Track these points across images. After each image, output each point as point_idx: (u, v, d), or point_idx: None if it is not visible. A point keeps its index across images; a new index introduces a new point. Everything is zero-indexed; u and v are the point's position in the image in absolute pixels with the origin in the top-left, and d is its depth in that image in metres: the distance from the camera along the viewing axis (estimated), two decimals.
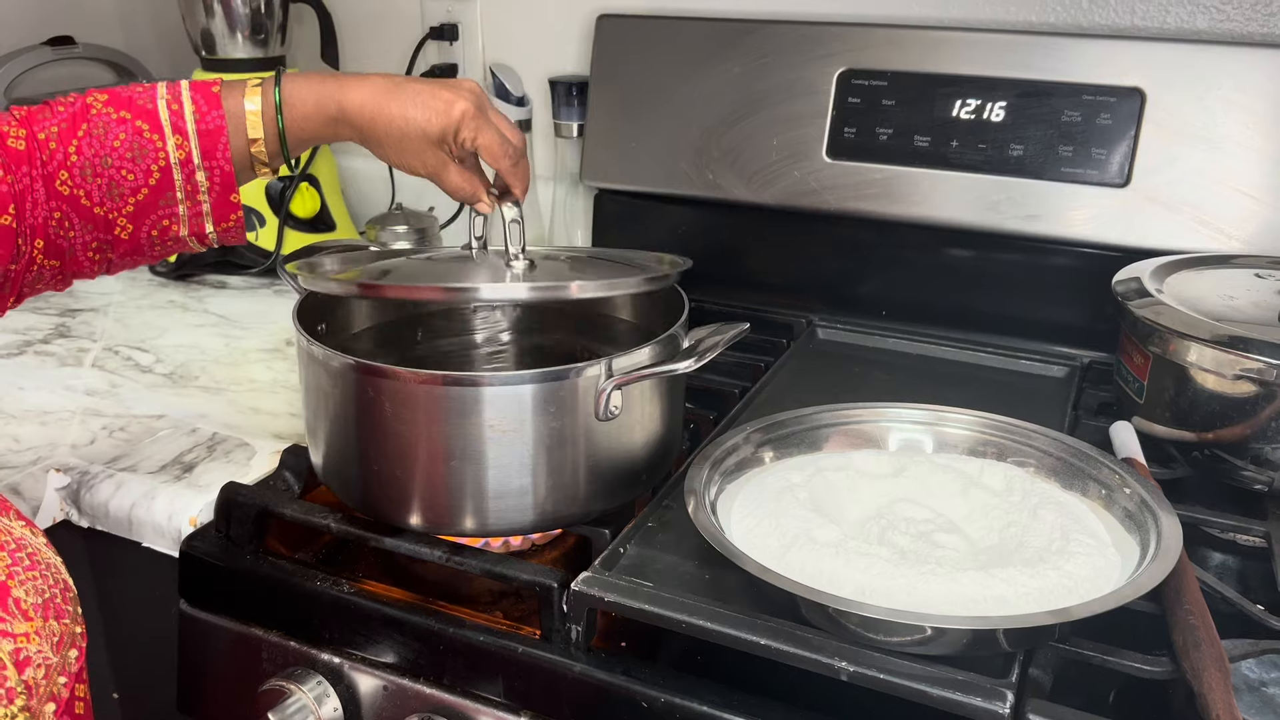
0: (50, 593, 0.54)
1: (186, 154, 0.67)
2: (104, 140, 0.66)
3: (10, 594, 0.52)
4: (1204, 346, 0.71)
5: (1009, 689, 0.53)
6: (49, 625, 0.53)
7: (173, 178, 0.67)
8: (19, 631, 0.51)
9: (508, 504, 0.66)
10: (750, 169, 1.06)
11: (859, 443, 0.74)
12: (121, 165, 0.66)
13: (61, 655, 0.54)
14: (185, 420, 0.90)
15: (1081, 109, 0.94)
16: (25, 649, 0.51)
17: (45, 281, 0.69)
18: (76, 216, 0.66)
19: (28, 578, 0.53)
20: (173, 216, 0.68)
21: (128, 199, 0.67)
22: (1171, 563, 0.57)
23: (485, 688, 0.64)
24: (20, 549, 0.54)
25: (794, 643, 0.56)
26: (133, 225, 0.68)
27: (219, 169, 0.68)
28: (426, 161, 0.71)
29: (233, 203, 0.69)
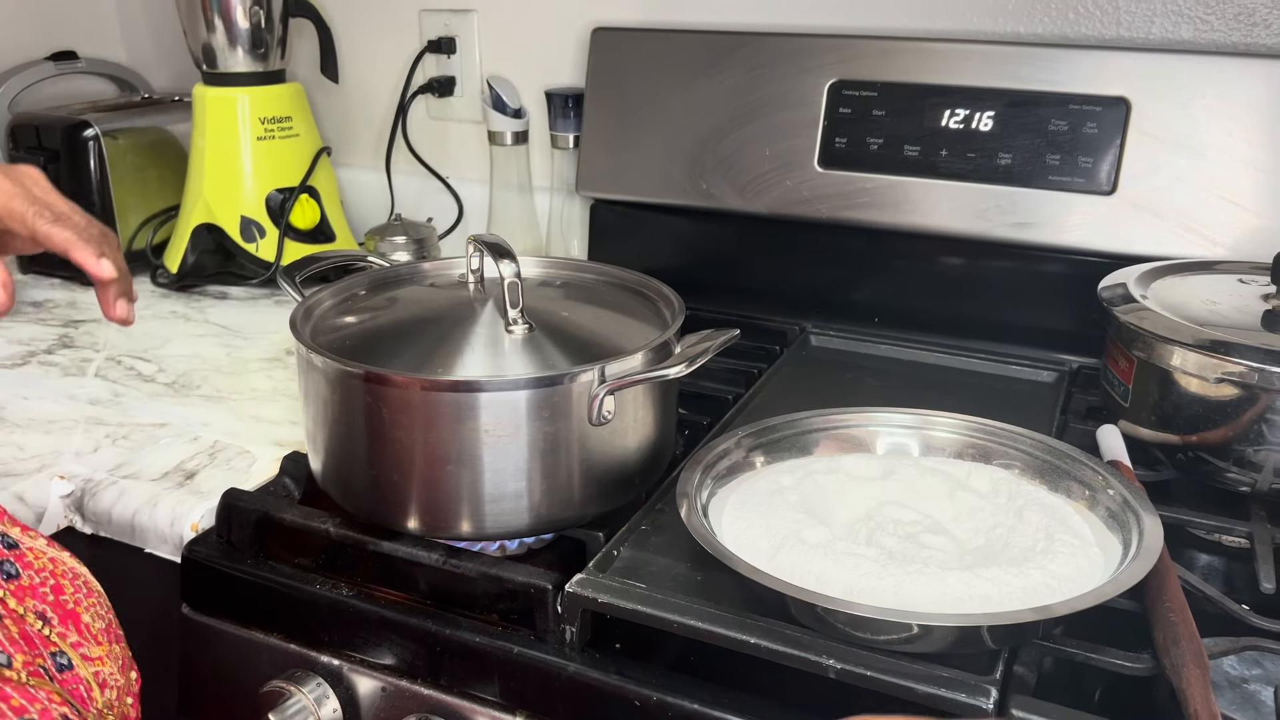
0: (106, 619, 0.56)
1: None
2: None
3: (81, 620, 0.53)
4: (1187, 350, 0.73)
5: (993, 685, 0.55)
6: (114, 649, 0.55)
7: None
8: (95, 655, 0.52)
9: (504, 507, 0.68)
10: (743, 179, 1.08)
11: (848, 447, 0.75)
12: None
13: (126, 677, 0.56)
14: (187, 428, 0.91)
15: (1068, 118, 0.95)
16: (102, 671, 0.53)
17: None
18: None
19: (89, 604, 0.55)
20: None
21: None
22: (1151, 561, 0.59)
23: (481, 688, 0.65)
24: (77, 577, 0.56)
25: (783, 641, 0.57)
26: None
27: None
28: None
29: None
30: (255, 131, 1.23)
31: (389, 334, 0.74)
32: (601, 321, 0.77)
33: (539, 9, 1.24)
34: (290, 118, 1.25)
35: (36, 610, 0.51)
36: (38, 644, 0.50)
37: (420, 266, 0.86)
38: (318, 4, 1.27)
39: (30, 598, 0.51)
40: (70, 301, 1.24)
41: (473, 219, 1.34)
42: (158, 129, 1.34)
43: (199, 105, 1.24)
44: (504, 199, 1.26)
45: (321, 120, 1.38)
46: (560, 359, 0.69)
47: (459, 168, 1.35)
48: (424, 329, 0.74)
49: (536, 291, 0.81)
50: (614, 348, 0.71)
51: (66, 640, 0.51)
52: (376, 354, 0.70)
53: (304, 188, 1.25)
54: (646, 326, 0.75)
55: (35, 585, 0.52)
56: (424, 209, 1.35)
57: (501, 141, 1.24)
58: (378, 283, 0.83)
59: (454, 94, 1.32)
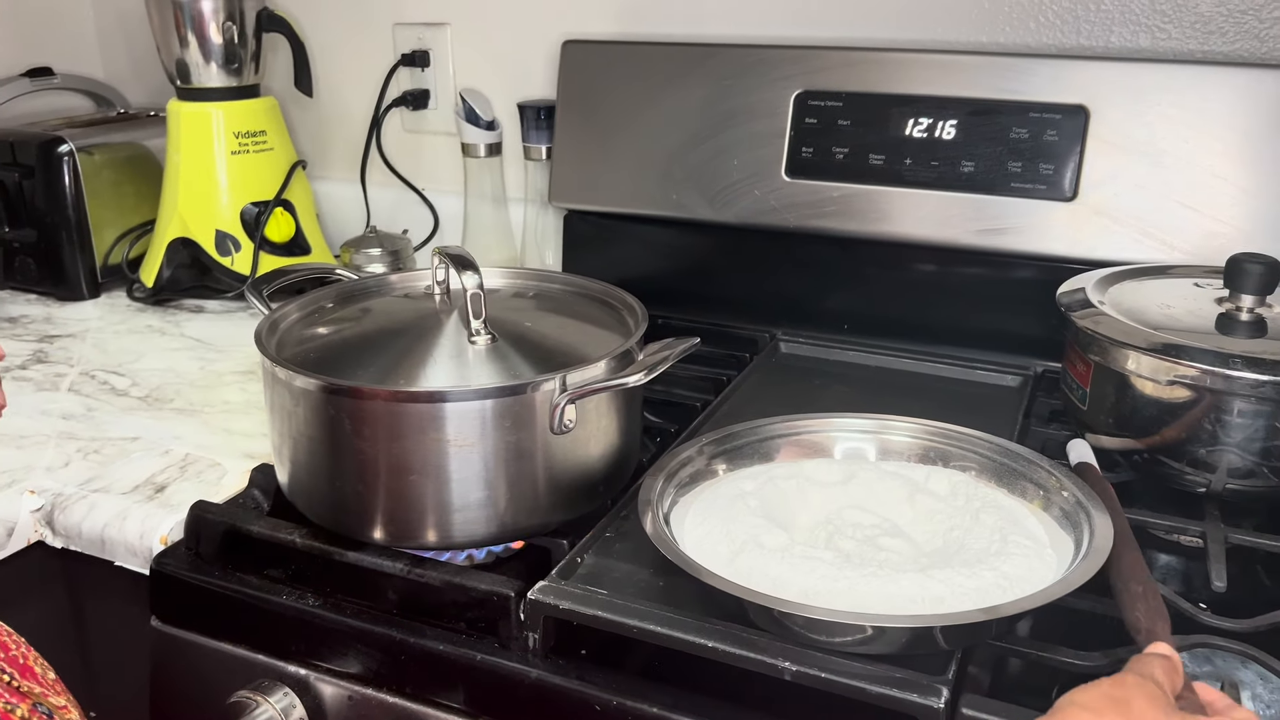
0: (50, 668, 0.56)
1: None
2: None
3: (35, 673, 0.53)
4: (1141, 354, 0.74)
5: (945, 685, 0.56)
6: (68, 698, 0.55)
7: None
8: (60, 705, 0.52)
9: (469, 516, 0.68)
10: (712, 189, 1.09)
11: (809, 453, 0.76)
12: None
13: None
14: (159, 442, 0.91)
15: (1029, 126, 0.97)
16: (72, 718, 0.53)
17: None
18: None
19: (34, 658, 0.55)
20: None
21: None
22: (1101, 560, 0.60)
23: (446, 695, 0.66)
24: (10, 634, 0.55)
25: (740, 644, 0.58)
26: None
27: None
28: None
29: None
30: (230, 146, 1.24)
31: (354, 346, 0.75)
32: (565, 331, 0.78)
33: (511, 22, 1.26)
34: (265, 132, 1.26)
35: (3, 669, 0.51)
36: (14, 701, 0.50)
37: (387, 279, 0.87)
38: (291, 18, 1.28)
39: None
40: (46, 316, 1.24)
41: (448, 231, 1.35)
42: (133, 144, 1.35)
43: (173, 120, 1.24)
44: (479, 210, 1.27)
45: (296, 134, 1.39)
46: (523, 368, 0.70)
47: (434, 180, 1.36)
48: (389, 341, 0.74)
49: (503, 302, 0.82)
50: (577, 357, 0.71)
51: (35, 693, 0.52)
52: (341, 366, 0.71)
53: (279, 201, 1.26)
54: (610, 335, 0.76)
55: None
56: (399, 221, 1.36)
57: (475, 154, 1.25)
58: (345, 295, 0.84)
59: (428, 107, 1.33)
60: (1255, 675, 0.61)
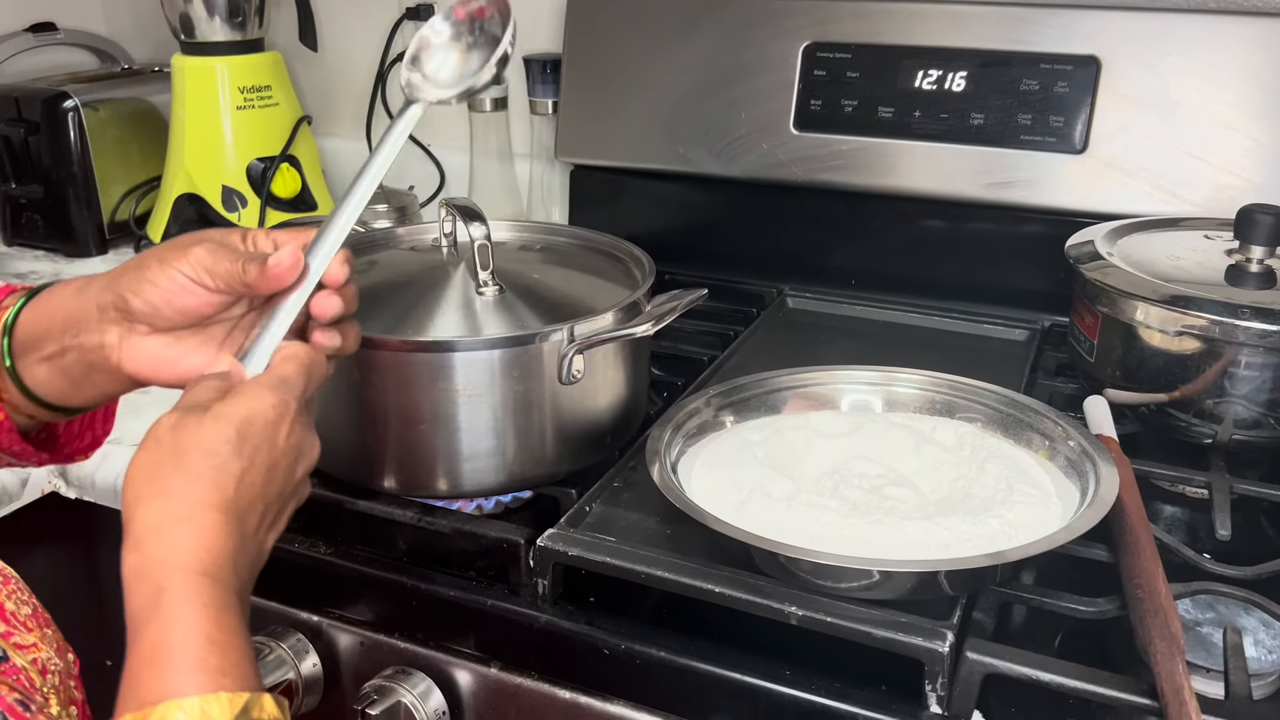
0: (30, 604, 0.55)
1: None
2: None
3: (5, 609, 0.52)
4: (1149, 305, 0.74)
5: (950, 630, 0.56)
6: (45, 634, 0.54)
7: None
8: (28, 643, 0.52)
9: (478, 465, 0.69)
10: (720, 143, 1.09)
11: (817, 405, 0.77)
12: None
13: (64, 660, 0.55)
14: (169, 395, 0.91)
15: (1040, 78, 0.96)
16: (39, 658, 0.52)
17: None
18: None
19: (9, 592, 0.53)
20: None
21: None
22: (1105, 509, 0.60)
23: (457, 640, 0.67)
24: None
25: (746, 590, 0.59)
26: None
27: None
28: None
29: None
30: (235, 101, 1.23)
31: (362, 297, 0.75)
32: (573, 283, 0.78)
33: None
34: (270, 87, 1.25)
35: None
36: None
37: (394, 232, 0.86)
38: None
39: None
40: (55, 273, 1.24)
41: (454, 187, 1.34)
42: (138, 100, 1.34)
43: (178, 75, 1.24)
44: (484, 166, 1.27)
45: (301, 89, 1.38)
46: (531, 319, 0.70)
47: (439, 136, 1.35)
48: (397, 292, 0.74)
49: (510, 255, 0.82)
50: (584, 308, 0.72)
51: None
52: None
53: (285, 157, 1.25)
54: (617, 287, 0.76)
55: None
56: (405, 177, 1.36)
57: (481, 108, 1.24)
58: (352, 248, 0.83)
59: None
60: (1258, 621, 0.61)
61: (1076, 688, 0.54)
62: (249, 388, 0.50)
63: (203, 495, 0.46)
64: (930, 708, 0.56)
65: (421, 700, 0.65)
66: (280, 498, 0.50)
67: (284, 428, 0.50)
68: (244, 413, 0.48)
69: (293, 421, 0.50)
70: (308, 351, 0.53)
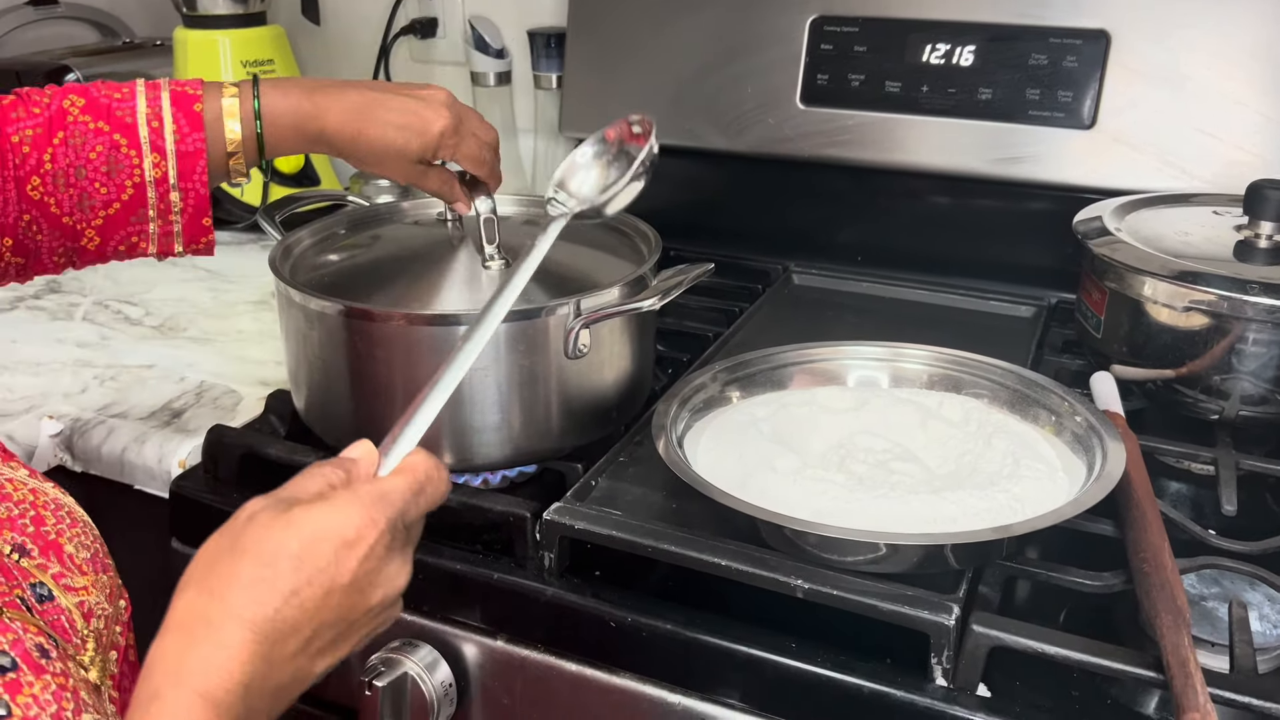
0: (93, 548, 0.56)
1: (163, 173, 0.65)
2: (80, 151, 0.64)
3: (64, 550, 0.54)
4: (1157, 280, 0.73)
5: (956, 603, 0.56)
6: (100, 579, 0.55)
7: (146, 196, 0.66)
8: (79, 585, 0.53)
9: (484, 439, 0.69)
10: (725, 117, 1.08)
11: (823, 380, 0.77)
12: (95, 178, 0.64)
13: (114, 605, 0.56)
14: (174, 369, 0.92)
15: (1048, 52, 0.95)
16: (87, 601, 0.53)
17: (10, 276, 0.69)
18: (45, 223, 0.65)
19: (73, 535, 0.55)
20: (142, 234, 0.67)
21: (98, 212, 0.65)
22: (1111, 483, 0.60)
23: (463, 613, 0.67)
24: (60, 508, 0.56)
25: (752, 563, 0.59)
26: (100, 238, 0.67)
27: (194, 191, 0.67)
28: (406, 173, 0.71)
29: (205, 225, 0.68)
30: (237, 75, 1.22)
31: (368, 271, 0.75)
32: (579, 258, 0.78)
33: None
34: (272, 60, 1.25)
35: (15, 543, 0.52)
36: (16, 576, 0.50)
37: (399, 206, 0.86)
38: None
39: (8, 530, 0.52)
40: None
41: None
42: (140, 73, 1.32)
43: (180, 48, 1.23)
44: None
45: (304, 64, 1.38)
46: (537, 293, 0.70)
47: None
48: (402, 266, 0.74)
49: (515, 229, 0.82)
50: (590, 282, 0.71)
51: (47, 572, 0.52)
52: (355, 290, 0.71)
53: None
54: (623, 262, 0.76)
55: (14, 517, 0.53)
56: None
57: (484, 83, 1.23)
58: (357, 222, 0.84)
59: (436, 35, 1.31)
60: (1263, 596, 0.61)
61: (1082, 660, 0.54)
62: (342, 498, 0.45)
63: (240, 607, 0.43)
64: (936, 680, 0.56)
65: (428, 672, 0.66)
66: (338, 624, 0.45)
67: (359, 551, 0.45)
68: (318, 527, 0.44)
69: (374, 545, 0.45)
70: (428, 467, 0.49)
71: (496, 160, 0.75)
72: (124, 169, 0.65)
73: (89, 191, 0.65)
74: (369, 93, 0.70)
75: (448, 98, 0.72)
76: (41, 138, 0.64)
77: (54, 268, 0.69)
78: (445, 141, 0.70)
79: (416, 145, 0.69)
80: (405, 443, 0.49)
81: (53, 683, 0.45)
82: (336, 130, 0.69)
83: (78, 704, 0.46)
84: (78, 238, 0.67)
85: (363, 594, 0.45)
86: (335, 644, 0.46)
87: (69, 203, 0.65)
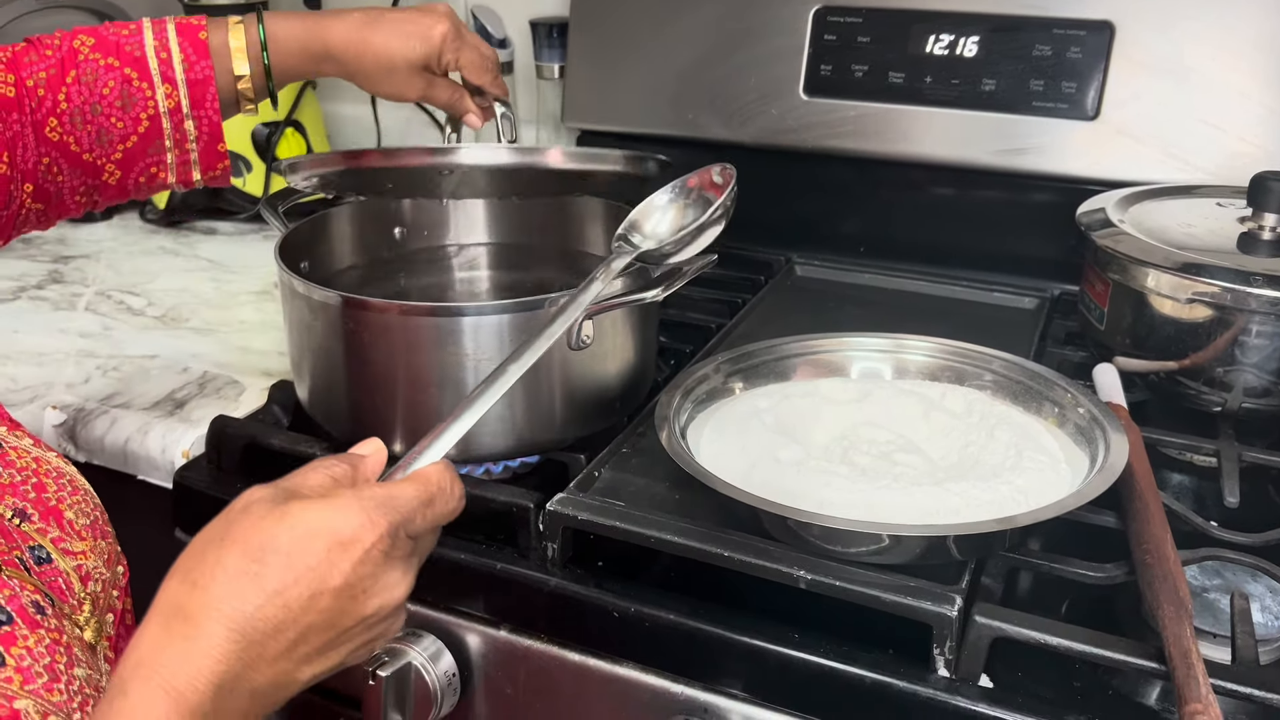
0: (92, 515, 0.58)
1: (176, 103, 0.68)
2: (93, 88, 0.66)
3: (64, 516, 0.55)
4: (1160, 272, 0.73)
5: (958, 594, 0.56)
6: (99, 544, 0.56)
7: (161, 126, 0.68)
8: (78, 550, 0.54)
9: (487, 430, 0.69)
10: (728, 108, 1.08)
11: (826, 372, 0.77)
12: (111, 113, 0.67)
13: (112, 570, 0.57)
14: (177, 360, 0.92)
15: (1052, 43, 0.95)
16: (85, 565, 0.54)
17: (31, 223, 0.71)
18: (65, 163, 0.67)
19: (73, 501, 0.56)
20: (160, 164, 0.70)
21: (116, 146, 0.68)
22: (1114, 475, 0.60)
23: (467, 603, 0.67)
24: (61, 475, 0.57)
25: (755, 554, 0.59)
26: (120, 171, 0.69)
27: (207, 118, 0.69)
28: (414, 85, 0.74)
29: (220, 151, 0.71)
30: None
31: None
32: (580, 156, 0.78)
33: None
34: None
35: (16, 507, 0.53)
36: (15, 538, 0.51)
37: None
38: None
39: (10, 495, 0.53)
40: (59, 238, 1.24)
41: None
42: None
43: None
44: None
45: None
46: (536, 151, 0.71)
47: None
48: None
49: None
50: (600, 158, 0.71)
51: (46, 536, 0.53)
52: None
53: (289, 121, 1.24)
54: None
55: (16, 484, 0.54)
56: (410, 142, 1.35)
57: None
58: None
59: None
60: (1264, 588, 0.61)
61: (1084, 651, 0.54)
62: (343, 497, 0.44)
63: (220, 600, 0.41)
64: (938, 671, 0.56)
65: (432, 662, 0.66)
66: (327, 629, 0.43)
67: (354, 553, 0.43)
68: (312, 525, 0.42)
69: (371, 549, 0.43)
70: (442, 479, 0.47)
71: (499, 71, 0.77)
72: (138, 102, 0.67)
73: (106, 127, 0.67)
74: (370, 10, 0.73)
75: (446, 8, 0.75)
76: (55, 79, 0.66)
77: (75, 208, 0.71)
78: (448, 45, 0.73)
79: (420, 50, 0.72)
80: (429, 455, 0.49)
81: (46, 637, 0.46)
82: (342, 44, 0.71)
83: (70, 658, 0.47)
84: (98, 173, 0.69)
85: (355, 600, 0.43)
86: (324, 651, 0.44)
87: (88, 139, 0.67)
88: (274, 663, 0.42)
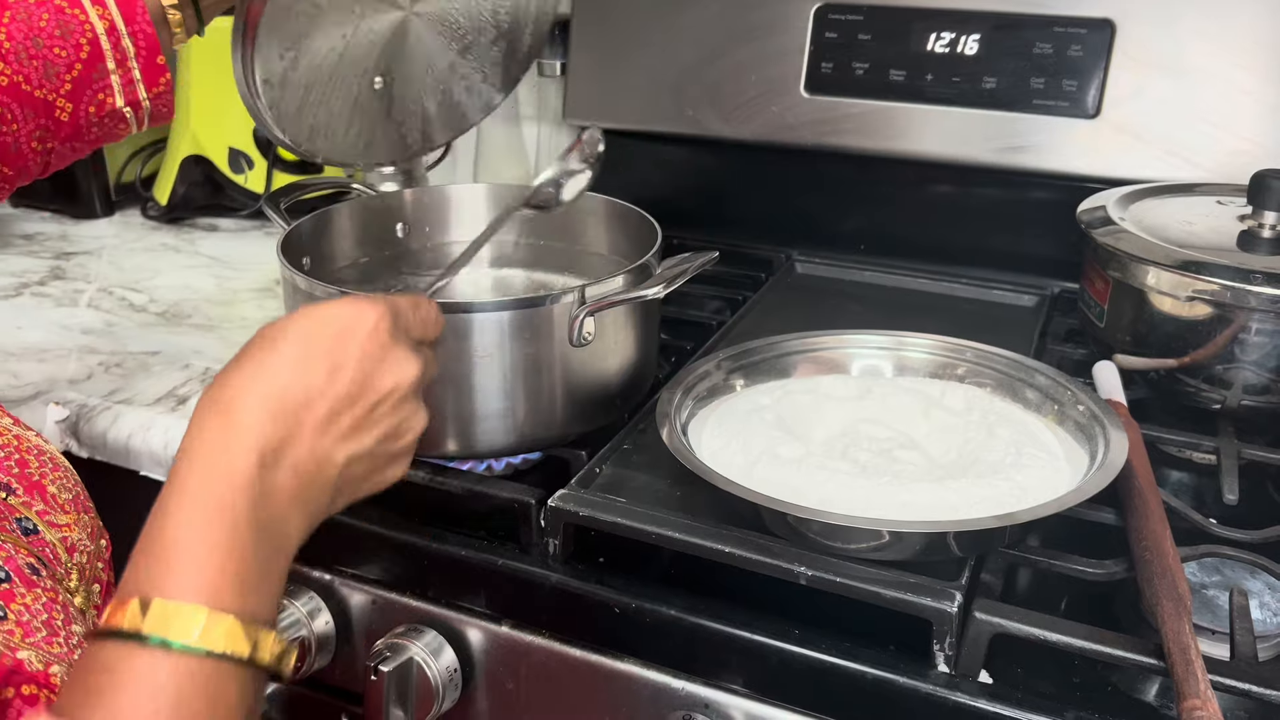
0: (74, 490, 0.59)
1: (110, 23, 0.68)
2: (30, 23, 0.67)
3: (47, 491, 0.56)
4: (1160, 270, 0.74)
5: (958, 590, 0.57)
6: (82, 518, 0.57)
7: (101, 48, 0.69)
8: (62, 522, 0.55)
9: (488, 427, 0.69)
10: (729, 105, 1.08)
11: (826, 369, 0.77)
12: (52, 44, 0.67)
13: (96, 544, 0.58)
14: (179, 356, 0.92)
15: (1053, 41, 0.95)
16: (70, 537, 0.55)
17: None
18: (18, 106, 0.67)
19: (55, 478, 0.58)
20: (107, 89, 0.70)
21: (64, 77, 0.68)
22: (1114, 472, 0.60)
23: (468, 599, 0.67)
24: (42, 454, 0.58)
25: (756, 550, 0.59)
26: (71, 104, 0.69)
27: (142, 32, 0.70)
28: None
29: (159, 64, 0.71)
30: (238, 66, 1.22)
31: None
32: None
33: None
34: None
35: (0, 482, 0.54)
36: (2, 510, 0.52)
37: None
38: None
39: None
40: (61, 234, 1.24)
41: (460, 150, 1.33)
42: None
43: None
44: (491, 129, 1.26)
45: None
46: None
47: None
48: None
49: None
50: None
51: (31, 508, 0.54)
52: None
53: None
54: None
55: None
56: None
57: None
58: None
59: None
60: (1263, 585, 0.62)
61: (1084, 648, 0.54)
62: (342, 298, 0.51)
63: (249, 382, 0.46)
64: (938, 667, 0.56)
65: (433, 657, 0.66)
66: (353, 403, 0.48)
67: (361, 332, 0.49)
68: (320, 314, 0.49)
69: (376, 327, 0.49)
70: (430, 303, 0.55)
71: None
72: (75, 29, 0.68)
73: (50, 59, 0.68)
74: None
75: None
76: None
77: (33, 159, 0.70)
78: None
79: None
80: None
81: (43, 595, 0.48)
82: None
83: (68, 615, 0.48)
84: (50, 110, 0.69)
85: (371, 377, 0.49)
86: (356, 431, 0.49)
87: (36, 75, 0.68)
88: (310, 437, 0.47)
